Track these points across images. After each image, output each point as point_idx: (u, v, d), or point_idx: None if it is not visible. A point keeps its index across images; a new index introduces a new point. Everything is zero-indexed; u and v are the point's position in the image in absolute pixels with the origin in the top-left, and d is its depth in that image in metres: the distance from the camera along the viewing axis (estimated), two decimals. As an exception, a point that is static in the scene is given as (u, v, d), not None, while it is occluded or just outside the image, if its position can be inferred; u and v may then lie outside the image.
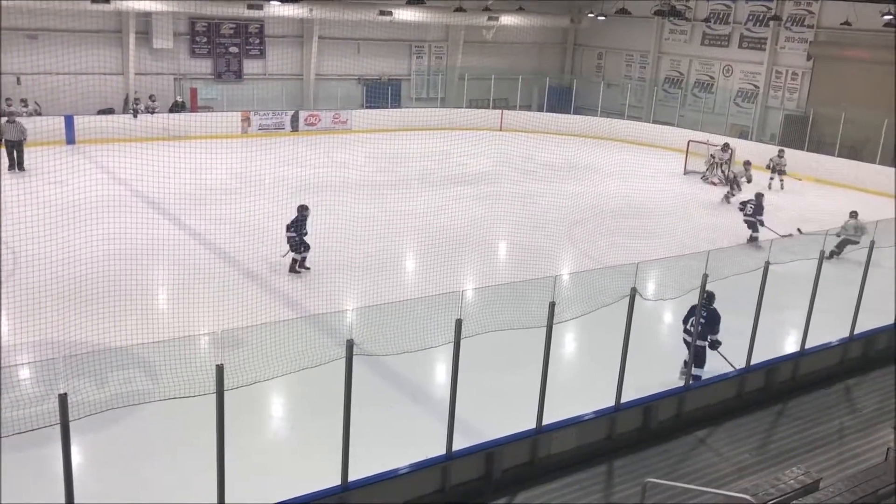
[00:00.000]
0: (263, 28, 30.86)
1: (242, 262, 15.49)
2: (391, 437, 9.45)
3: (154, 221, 17.25)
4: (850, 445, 9.86)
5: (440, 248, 16.20)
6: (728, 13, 32.68)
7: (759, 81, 31.69)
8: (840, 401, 11.21)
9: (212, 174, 20.16)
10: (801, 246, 12.32)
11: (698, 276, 10.15)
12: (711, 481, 8.76)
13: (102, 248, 14.05)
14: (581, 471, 8.95)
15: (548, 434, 8.90)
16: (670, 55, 35.19)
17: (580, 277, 13.14)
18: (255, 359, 7.43)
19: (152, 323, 11.96)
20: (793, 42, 30.59)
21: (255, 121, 29.33)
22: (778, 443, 9.87)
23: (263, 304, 13.11)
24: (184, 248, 15.56)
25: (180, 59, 29.41)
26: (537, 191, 21.89)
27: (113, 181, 20.39)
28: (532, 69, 36.46)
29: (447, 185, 22.54)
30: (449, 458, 8.22)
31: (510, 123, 32.66)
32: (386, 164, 24.63)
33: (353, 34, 31.93)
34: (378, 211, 18.44)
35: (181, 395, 7.10)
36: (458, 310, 8.06)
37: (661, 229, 19.28)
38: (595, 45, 38.03)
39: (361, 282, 14.63)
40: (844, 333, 12.07)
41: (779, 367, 11.21)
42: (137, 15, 27.27)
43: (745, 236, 18.24)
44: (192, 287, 13.70)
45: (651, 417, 9.79)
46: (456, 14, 31.58)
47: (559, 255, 17.28)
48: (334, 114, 31.09)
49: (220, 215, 17.92)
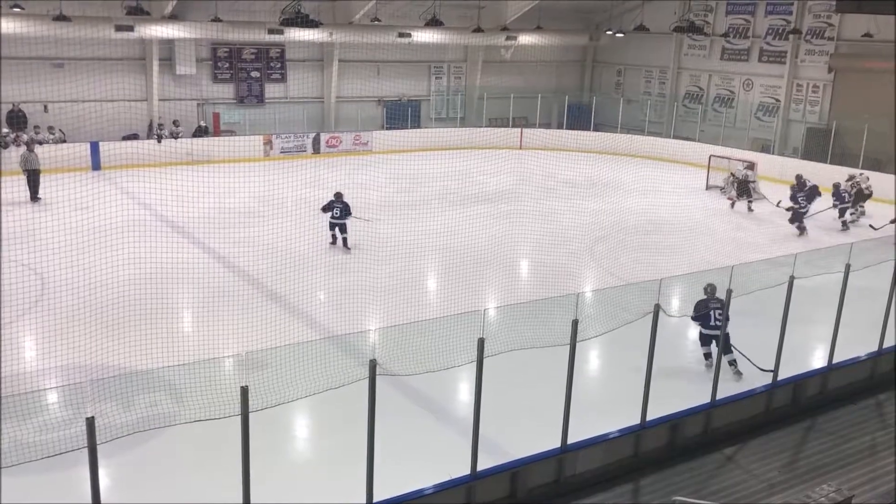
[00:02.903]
0: (284, 52, 31.20)
1: (266, 284, 15.59)
2: (416, 456, 9.42)
3: (178, 245, 17.41)
4: (883, 462, 9.69)
5: (462, 267, 16.22)
6: (747, 27, 32.58)
7: (780, 95, 31.51)
8: (871, 416, 11.04)
9: (235, 197, 20.36)
10: (825, 260, 12.17)
11: (722, 291, 10.08)
12: (740, 499, 8.64)
13: (128, 272, 14.22)
14: (607, 489, 8.87)
15: (573, 453, 8.84)
16: (690, 70, 35.13)
17: (603, 294, 13.08)
18: (279, 380, 7.46)
19: (178, 345, 12.04)
20: (813, 55, 30.41)
21: (277, 144, 29.59)
22: (808, 459, 9.73)
23: (287, 326, 13.16)
24: (208, 271, 15.70)
25: (203, 85, 29.79)
26: (558, 208, 21.87)
27: (138, 206, 20.65)
28: (551, 87, 36.53)
29: (468, 204, 22.59)
30: (474, 478, 8.19)
31: (530, 142, 32.69)
32: (407, 185, 24.73)
33: (372, 56, 32.16)
34: (399, 231, 18.48)
35: (207, 418, 7.14)
36: (480, 328, 8.06)
37: (683, 245, 19.17)
38: (614, 61, 38.05)
39: (384, 302, 14.67)
40: (873, 347, 11.91)
41: (807, 382, 11.09)
42: (160, 42, 27.70)
43: (766, 250, 18.12)
44: (216, 309, 13.80)
45: (677, 434, 9.71)
46: (474, 35, 31.75)
47: (581, 273, 17.23)
48: (355, 135, 31.31)
49: (243, 238, 18.07)
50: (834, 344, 11.26)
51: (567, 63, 38.41)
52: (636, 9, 32.99)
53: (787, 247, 18.12)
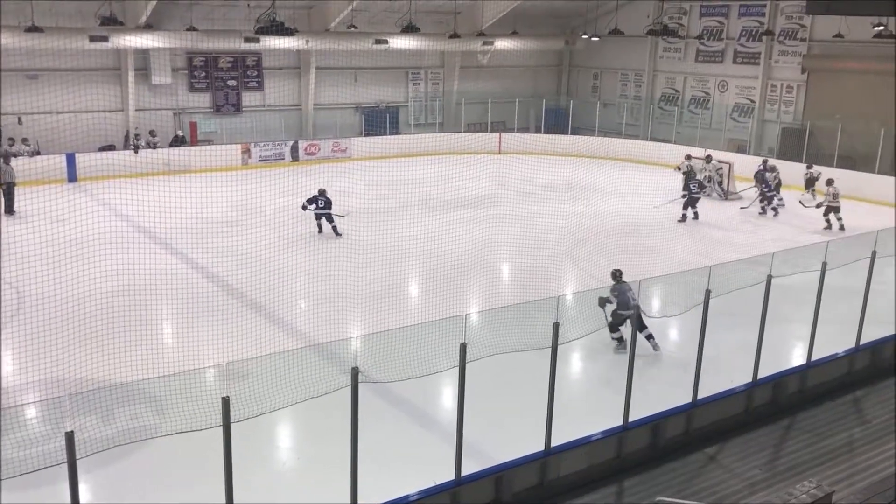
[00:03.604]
0: (261, 60, 31.12)
1: (246, 294, 15.52)
2: (400, 463, 9.42)
3: (157, 256, 17.30)
4: (862, 457, 9.80)
5: (443, 272, 16.23)
6: (721, 29, 32.90)
7: (755, 96, 31.83)
8: (849, 412, 11.17)
9: (213, 207, 20.25)
10: (802, 259, 12.31)
11: (701, 291, 10.17)
12: (722, 498, 8.71)
13: (106, 284, 14.10)
14: (591, 491, 8.91)
15: (557, 456, 8.87)
16: (665, 73, 35.41)
17: (584, 297, 13.15)
18: (261, 390, 7.43)
19: (158, 357, 11.97)
20: (786, 56, 30.76)
21: (256, 152, 29.49)
22: (788, 457, 9.82)
23: (268, 335, 13.11)
24: (187, 282, 15.61)
25: (179, 94, 29.65)
26: (538, 212, 21.93)
27: (115, 217, 20.48)
28: (528, 91, 36.70)
29: (448, 209, 22.62)
30: (458, 484, 8.19)
31: (508, 146, 32.77)
32: (386, 191, 24.73)
33: (349, 63, 32.16)
34: (380, 237, 18.48)
35: (188, 429, 7.10)
36: (462, 334, 8.08)
37: (662, 246, 19.31)
38: (590, 65, 38.28)
39: (365, 309, 14.65)
40: (850, 344, 12.05)
41: (786, 381, 11.19)
42: (135, 52, 27.54)
43: (738, 249, 18.29)
44: (196, 320, 13.72)
45: (659, 435, 9.76)
46: (451, 40, 31.83)
47: (562, 276, 17.29)
48: (333, 142, 31.27)
49: (222, 247, 17.98)
50: (812, 342, 11.38)
51: (544, 67, 38.61)
52: (611, 13, 33.20)
53: (765, 246, 18.29)
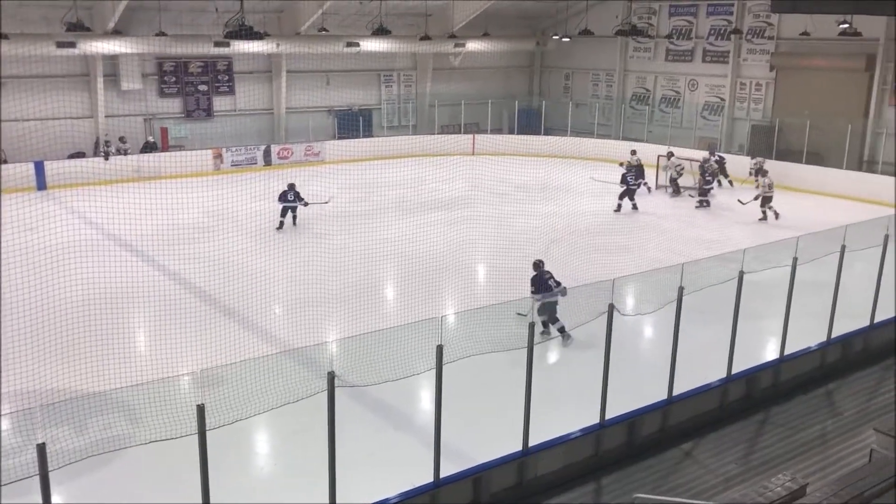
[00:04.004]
0: (232, 65, 30.93)
1: (220, 300, 15.41)
2: (378, 466, 9.41)
3: (129, 263, 17.11)
4: (835, 449, 9.95)
5: (418, 274, 16.22)
6: (690, 28, 33.21)
7: (725, 94, 32.15)
8: (821, 405, 11.32)
9: (186, 213, 20.10)
10: (773, 254, 12.45)
11: (674, 288, 10.25)
12: (699, 493, 8.78)
13: (77, 292, 13.92)
14: (569, 490, 8.95)
15: (535, 455, 8.90)
16: (636, 72, 35.67)
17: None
18: (236, 396, 7.39)
19: (132, 366, 11.84)
20: (755, 54, 31.11)
21: (228, 157, 29.30)
22: (763, 451, 9.93)
23: (243, 341, 13.03)
24: (160, 289, 15.48)
25: (149, 100, 29.36)
26: (512, 212, 21.99)
27: (86, 225, 20.25)
28: (501, 93, 36.78)
29: (423, 211, 22.62)
30: (436, 486, 8.20)
31: (482, 147, 32.84)
32: (360, 194, 24.67)
33: (321, 66, 32.06)
34: (355, 240, 18.44)
35: (163, 438, 7.04)
36: (438, 336, 8.08)
37: (635, 244, 19.44)
38: (562, 66, 38.46)
39: (341, 312, 14.61)
40: (822, 338, 12.21)
41: (759, 375, 11.32)
42: (104, 58, 27.23)
43: (712, 246, 18.47)
44: (170, 327, 13.60)
45: (636, 432, 9.84)
46: (422, 42, 31.83)
47: (537, 276, 17.32)
48: (306, 146, 31.14)
49: (195, 253, 17.83)
50: (784, 336, 11.51)
51: (515, 68, 38.73)
52: (581, 13, 33.37)
53: (737, 243, 18.46)
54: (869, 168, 27.12)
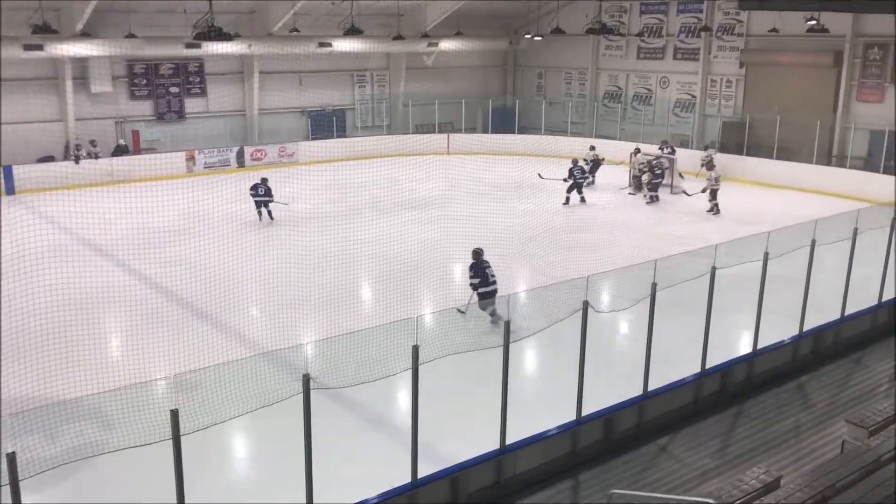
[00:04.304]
0: (203, 66, 30.70)
1: (195, 303, 15.30)
2: (356, 468, 9.39)
3: (101, 268, 16.95)
4: (807, 441, 10.07)
5: (394, 274, 16.20)
6: (661, 26, 33.45)
7: (696, 91, 32.43)
8: (794, 398, 11.44)
9: (159, 216, 19.92)
10: (745, 249, 12.57)
11: (648, 284, 10.32)
12: (675, 488, 8.85)
13: (48, 298, 13.76)
14: (547, 487, 8.98)
15: (512, 453, 8.92)
16: (608, 70, 35.86)
17: (534, 294, 13.21)
18: (211, 401, 7.33)
19: (105, 371, 11.71)
20: (725, 51, 31.40)
21: (200, 159, 29.09)
22: (737, 444, 10.02)
23: (218, 344, 12.94)
24: (133, 293, 15.33)
25: (120, 103, 29.07)
26: (487, 211, 22.01)
27: (56, 230, 19.98)
28: (475, 92, 36.82)
29: (398, 211, 22.58)
30: (414, 486, 8.19)
31: (457, 147, 32.88)
32: (335, 195, 24.59)
33: (293, 67, 31.94)
34: (330, 242, 18.37)
35: (137, 444, 6.97)
36: (415, 336, 8.07)
37: (610, 241, 19.56)
38: (534, 64, 38.59)
39: (317, 314, 14.56)
40: (794, 331, 12.35)
41: (734, 369, 11.42)
42: (73, 60, 26.91)
43: (686, 241, 18.62)
44: (144, 332, 13.48)
45: (612, 428, 9.89)
46: (395, 42, 31.78)
47: (513, 274, 17.37)
48: (280, 147, 30.99)
49: (169, 257, 17.70)
50: (757, 330, 11.62)
51: (489, 67, 38.79)
52: (552, 12, 33.51)
53: (709, 238, 18.63)
54: (838, 163, 27.49)
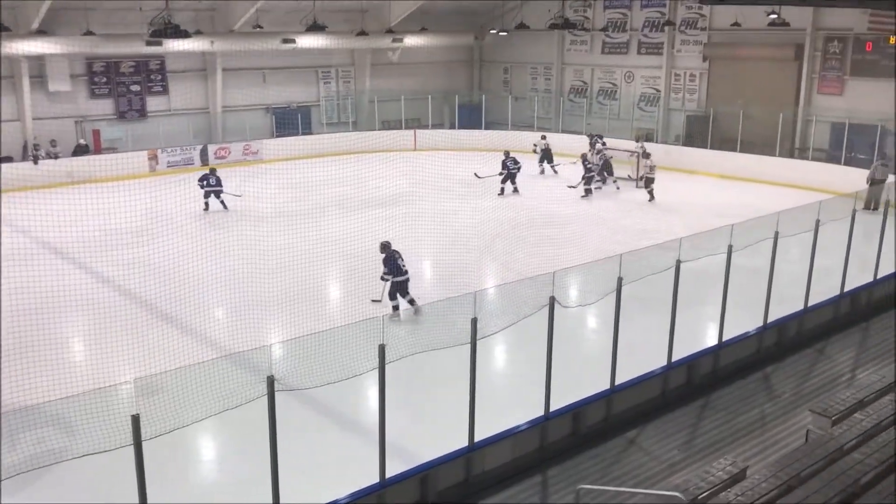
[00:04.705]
0: (165, 64, 30.28)
1: (158, 305, 15.08)
2: (324, 469, 9.31)
3: (62, 271, 16.61)
4: (773, 431, 10.19)
5: (361, 272, 16.10)
6: (625, 21, 33.63)
7: (660, 85, 32.66)
8: (759, 389, 11.57)
9: (121, 216, 19.61)
10: (711, 242, 12.67)
11: (614, 278, 10.36)
12: (643, 481, 8.89)
13: (7, 303, 13.45)
14: (516, 483, 8.98)
15: (481, 450, 8.90)
16: (573, 65, 35.98)
17: (502, 290, 13.22)
18: (175, 404, 7.22)
19: (66, 377, 11.49)
20: (688, 45, 31.66)
21: (163, 158, 28.70)
22: (704, 436, 10.11)
23: (183, 347, 12.76)
24: (95, 296, 15.06)
25: (80, 101, 28.58)
26: (455, 208, 22.02)
27: (15, 232, 19.55)
28: (441, 88, 36.73)
29: (365, 208, 22.46)
30: (383, 486, 8.14)
31: (424, 143, 32.80)
32: (301, 193, 24.36)
33: (257, 64, 31.65)
34: (296, 240, 18.19)
35: (98, 451, 6.84)
36: (381, 335, 8.01)
37: (577, 236, 19.60)
38: (500, 60, 38.61)
39: (284, 314, 14.42)
40: (759, 323, 12.48)
41: (700, 362, 11.52)
42: (29, 59, 26.37)
43: (650, 235, 18.76)
44: (106, 335, 13.24)
45: (581, 422, 9.91)
46: (359, 38, 31.62)
47: (481, 270, 17.39)
48: (244, 145, 30.68)
49: (132, 258, 17.43)
50: (722, 322, 11.73)
51: (455, 63, 38.74)
52: (517, 7, 33.55)
53: (674, 231, 18.77)
54: (801, 154, 27.87)
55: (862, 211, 15.60)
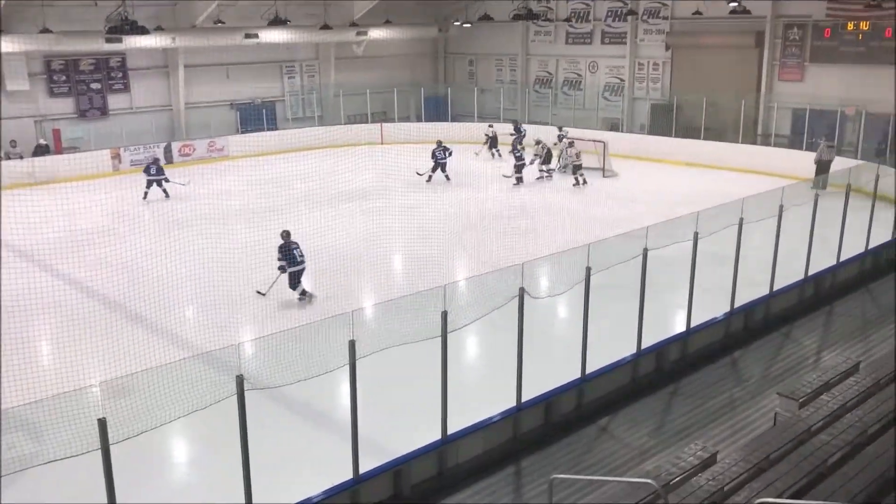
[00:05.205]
0: (125, 61, 29.81)
1: (126, 305, 14.88)
2: (297, 466, 9.28)
3: (26, 273, 16.30)
4: (742, 415, 10.33)
5: (331, 268, 16.03)
6: (588, 11, 33.74)
7: (624, 75, 32.86)
8: (728, 373, 11.73)
9: (85, 216, 19.32)
10: (678, 230, 12.80)
11: (583, 268, 10.42)
12: (614, 469, 8.98)
13: (-31, 307, 13.21)
14: (490, 475, 9.01)
15: (454, 443, 8.93)
16: (538, 56, 36.07)
17: (472, 283, 13.21)
18: (144, 406, 7.14)
19: (32, 380, 11.29)
20: (651, 34, 31.87)
21: (126, 157, 28.26)
22: (674, 422, 10.23)
23: (152, 347, 12.61)
24: (60, 298, 14.83)
25: (39, 100, 28.05)
26: (424, 201, 21.96)
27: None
28: (406, 80, 36.61)
29: (333, 203, 22.35)
30: (356, 482, 8.12)
31: (391, 136, 32.67)
32: (268, 189, 24.20)
33: (220, 59, 31.31)
34: (264, 237, 18.06)
35: (68, 455, 6.74)
36: (351, 330, 7.99)
37: (544, 227, 19.70)
38: (465, 52, 38.59)
39: (254, 312, 14.32)
40: (726, 308, 12.64)
41: (668, 348, 11.64)
42: (-15, 58, 25.86)
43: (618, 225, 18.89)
44: (73, 337, 13.03)
45: (553, 412, 9.98)
46: (322, 32, 31.39)
47: (452, 263, 17.39)
48: (209, 142, 30.34)
49: (97, 258, 17.18)
50: (690, 309, 11.87)
51: (420, 56, 38.65)
52: (480, -1, 33.59)
53: (641, 220, 18.92)
54: (763, 141, 28.22)
55: (811, 190, 15.94)
